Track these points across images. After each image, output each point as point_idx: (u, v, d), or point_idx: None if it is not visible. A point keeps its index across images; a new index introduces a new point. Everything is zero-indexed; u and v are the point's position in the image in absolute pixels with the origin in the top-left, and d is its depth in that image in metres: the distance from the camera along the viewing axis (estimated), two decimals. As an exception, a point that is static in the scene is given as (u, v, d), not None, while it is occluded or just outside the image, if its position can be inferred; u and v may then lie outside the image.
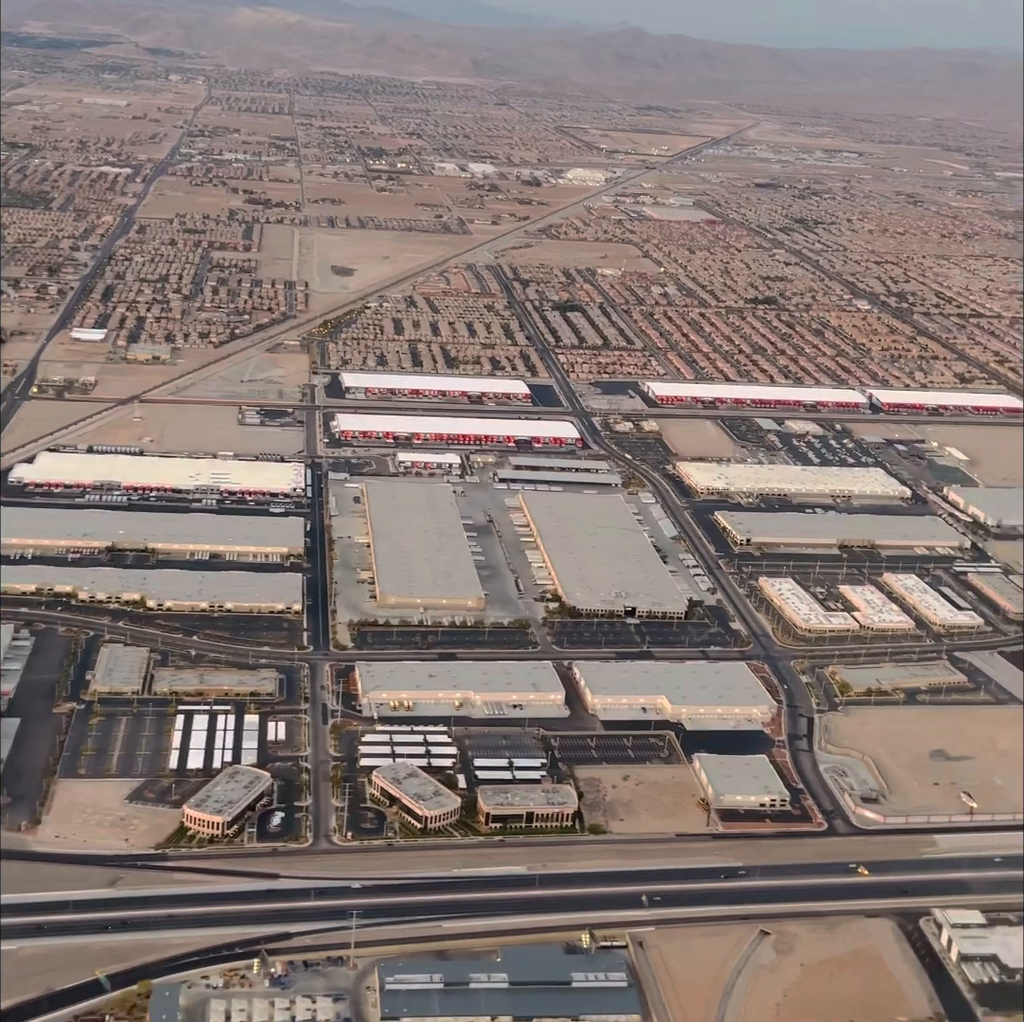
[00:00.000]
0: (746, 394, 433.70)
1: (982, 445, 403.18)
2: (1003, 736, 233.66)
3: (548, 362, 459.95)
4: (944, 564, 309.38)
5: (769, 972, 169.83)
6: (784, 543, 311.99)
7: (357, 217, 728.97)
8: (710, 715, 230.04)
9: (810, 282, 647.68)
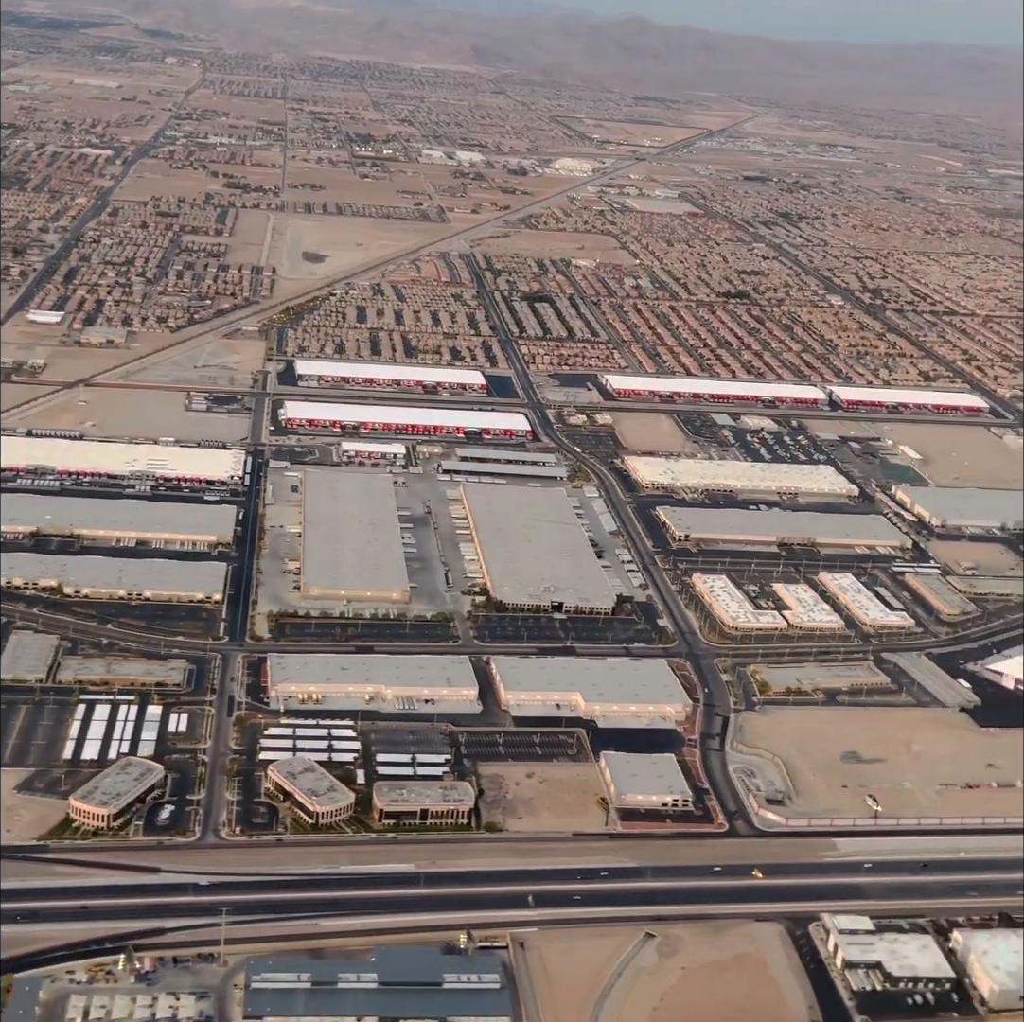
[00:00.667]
0: (704, 389, 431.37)
1: (938, 444, 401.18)
2: (919, 739, 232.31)
3: (509, 353, 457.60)
4: (883, 564, 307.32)
5: (649, 975, 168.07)
6: (723, 540, 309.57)
7: (335, 203, 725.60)
8: (624, 713, 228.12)
9: (786, 277, 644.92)
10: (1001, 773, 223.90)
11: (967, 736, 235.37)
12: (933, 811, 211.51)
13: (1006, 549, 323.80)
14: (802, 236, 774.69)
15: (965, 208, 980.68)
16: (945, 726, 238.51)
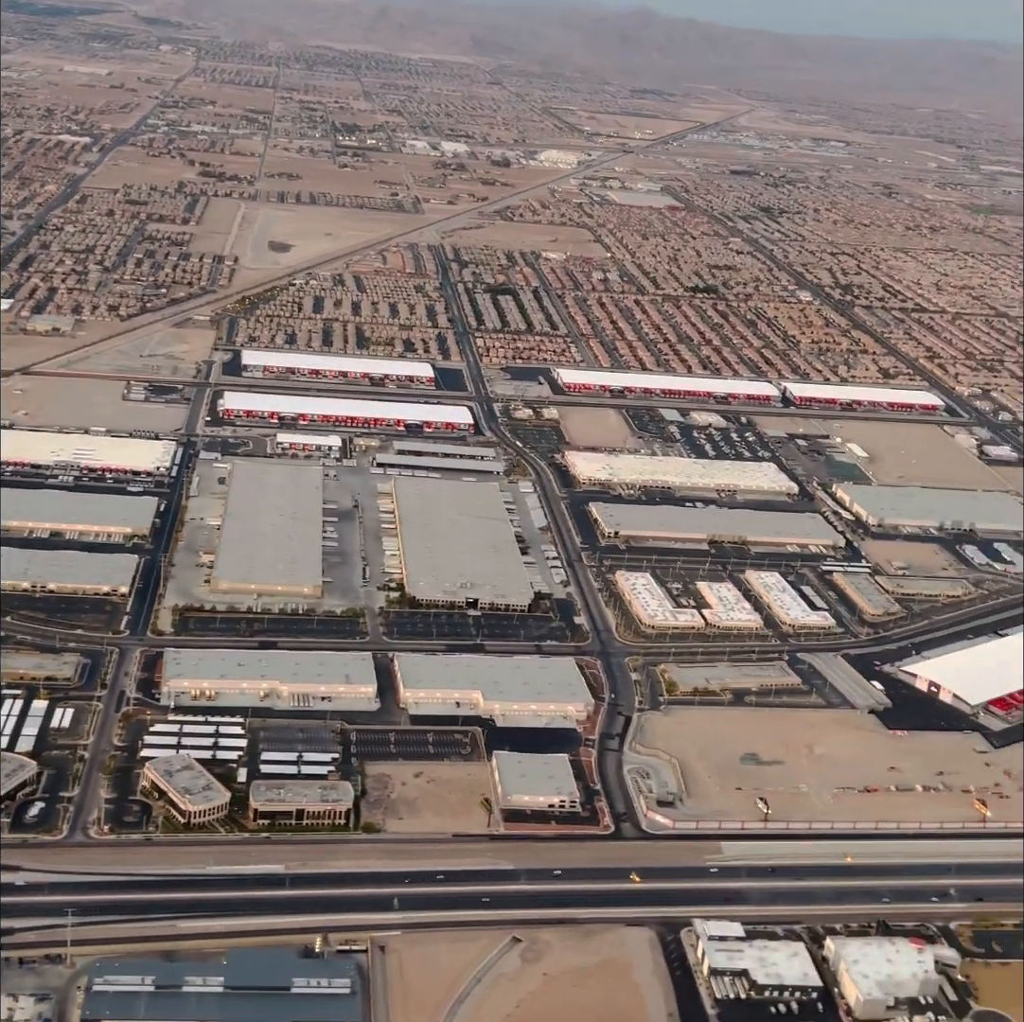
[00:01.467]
0: (656, 384, 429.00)
1: (888, 442, 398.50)
2: (823, 741, 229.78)
3: (464, 346, 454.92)
4: (813, 563, 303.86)
5: (509, 981, 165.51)
6: (653, 537, 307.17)
7: (310, 193, 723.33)
8: (523, 712, 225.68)
9: (757, 272, 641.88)
10: (902, 776, 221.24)
11: (873, 738, 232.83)
12: (826, 815, 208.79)
13: (941, 549, 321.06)
14: (780, 231, 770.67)
15: (951, 204, 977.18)
16: (852, 728, 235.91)
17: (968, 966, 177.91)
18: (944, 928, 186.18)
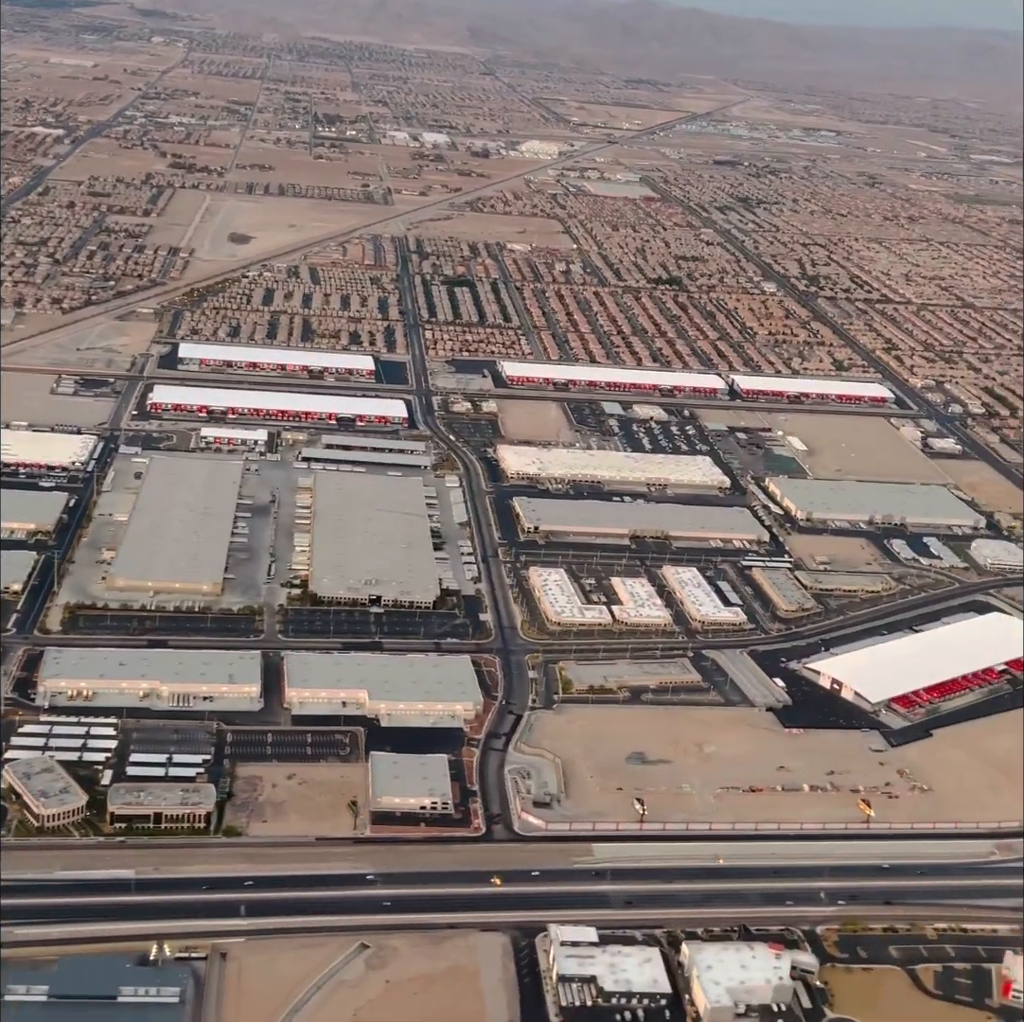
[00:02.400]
0: (601, 377, 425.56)
1: (830, 435, 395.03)
2: (715, 739, 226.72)
3: (412, 338, 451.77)
4: (734, 558, 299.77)
5: (350, 989, 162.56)
6: (574, 532, 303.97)
7: (279, 184, 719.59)
8: (410, 711, 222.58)
9: (724, 263, 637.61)
10: (791, 776, 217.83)
11: (767, 737, 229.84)
12: (706, 815, 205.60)
13: (869, 543, 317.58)
14: (755, 222, 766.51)
15: (934, 194, 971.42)
16: (747, 726, 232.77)
17: (828, 972, 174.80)
18: (810, 932, 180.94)
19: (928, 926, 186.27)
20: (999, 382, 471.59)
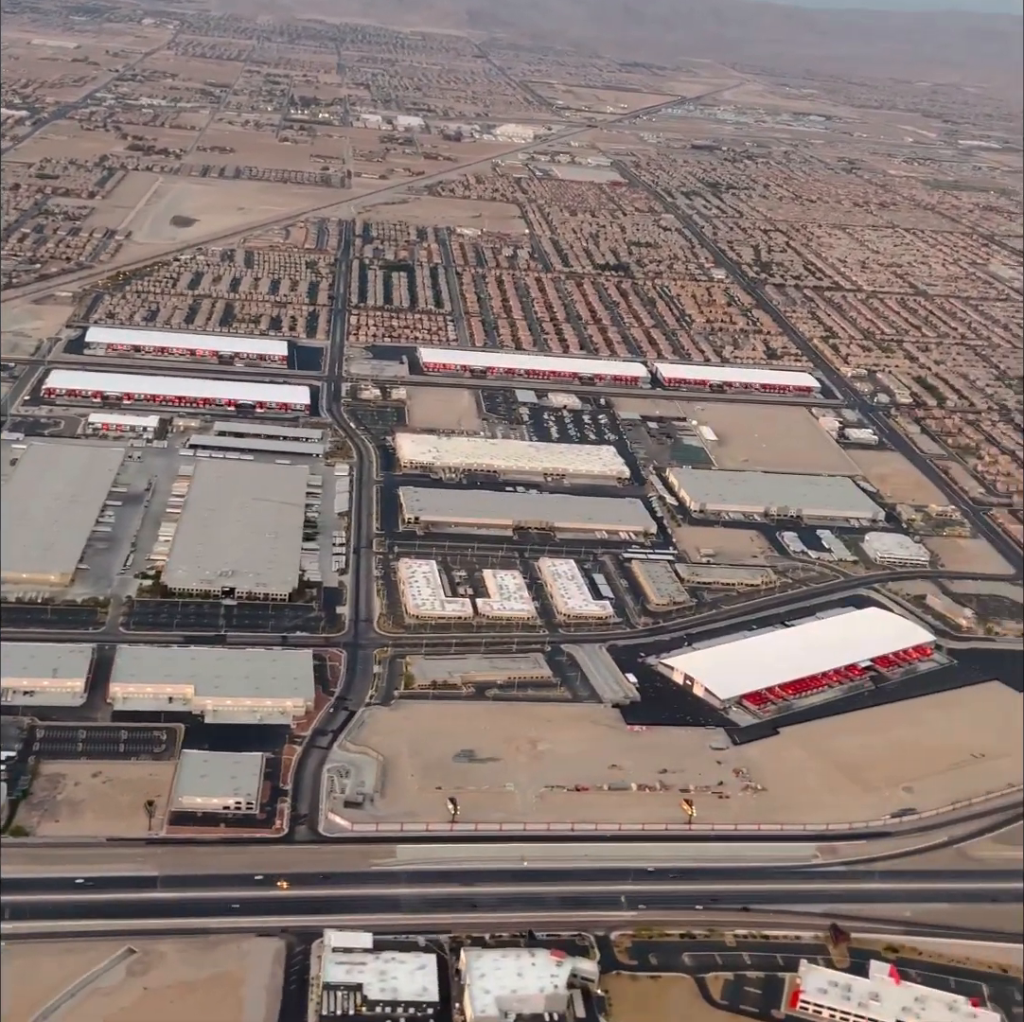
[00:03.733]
0: (520, 364, 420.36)
1: (746, 425, 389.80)
2: (551, 737, 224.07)
3: (336, 323, 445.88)
4: (616, 550, 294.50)
5: (104, 996, 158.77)
6: (456, 522, 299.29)
7: (236, 167, 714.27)
8: (238, 707, 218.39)
9: (678, 249, 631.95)
10: (621, 774, 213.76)
11: (607, 735, 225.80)
12: (523, 815, 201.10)
13: (759, 536, 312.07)
14: (720, 207, 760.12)
15: (912, 180, 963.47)
16: (589, 723, 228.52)
17: (613, 980, 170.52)
18: (603, 938, 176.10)
19: (728, 932, 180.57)
20: (934, 371, 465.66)
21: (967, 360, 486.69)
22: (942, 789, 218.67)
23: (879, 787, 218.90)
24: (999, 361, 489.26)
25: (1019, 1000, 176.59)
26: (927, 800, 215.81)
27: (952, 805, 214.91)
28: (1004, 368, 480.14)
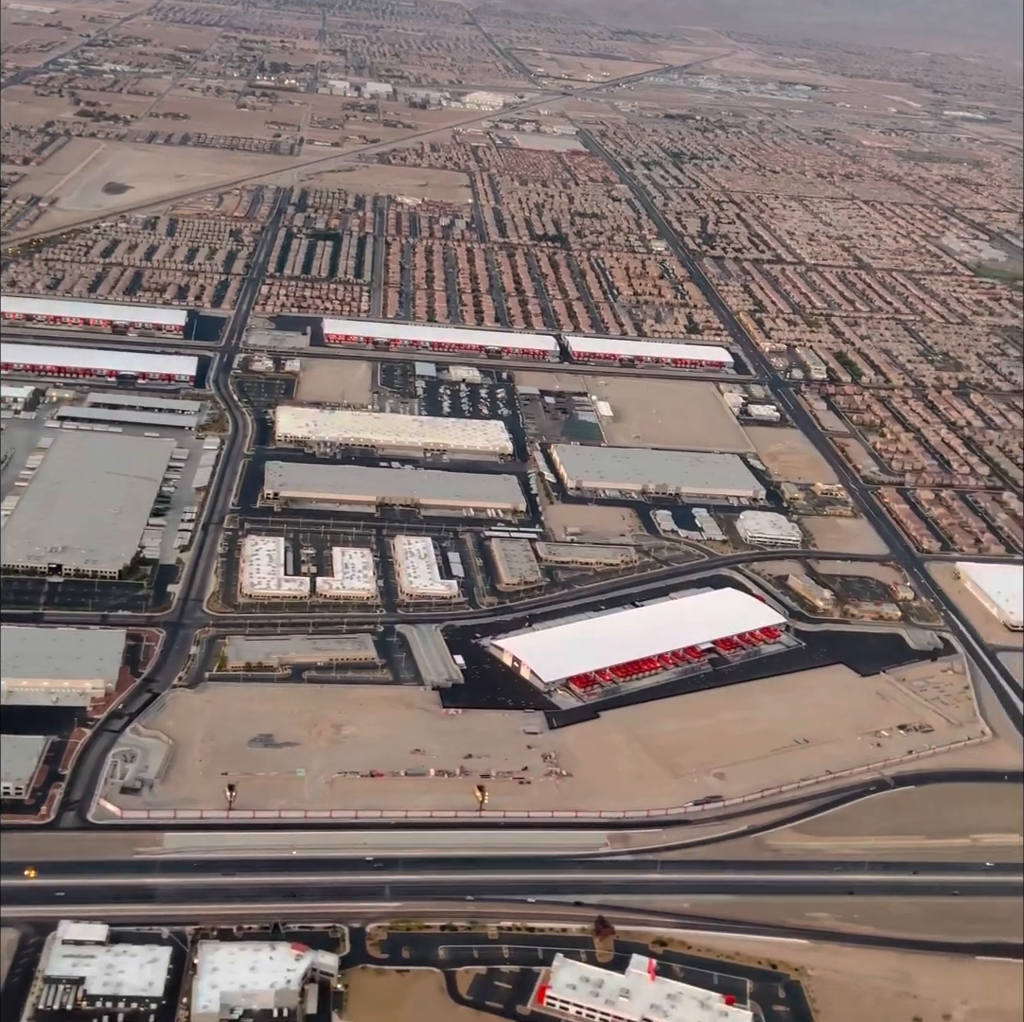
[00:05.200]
0: (426, 336, 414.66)
1: (647, 400, 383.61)
2: (359, 720, 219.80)
3: (246, 293, 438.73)
4: (478, 528, 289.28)
5: None
6: (318, 498, 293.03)
7: (185, 134, 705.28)
8: (34, 688, 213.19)
9: (623, 220, 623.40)
10: (422, 760, 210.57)
11: (419, 718, 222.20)
12: (310, 802, 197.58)
13: (633, 514, 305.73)
14: (678, 178, 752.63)
15: (884, 151, 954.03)
16: (403, 707, 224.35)
17: (358, 974, 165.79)
18: (359, 930, 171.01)
19: (492, 925, 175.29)
20: (857, 347, 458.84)
21: (894, 335, 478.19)
22: (755, 776, 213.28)
23: (689, 773, 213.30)
24: (927, 336, 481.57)
25: (782, 997, 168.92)
26: (736, 787, 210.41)
27: (761, 793, 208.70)
28: (931, 343, 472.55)
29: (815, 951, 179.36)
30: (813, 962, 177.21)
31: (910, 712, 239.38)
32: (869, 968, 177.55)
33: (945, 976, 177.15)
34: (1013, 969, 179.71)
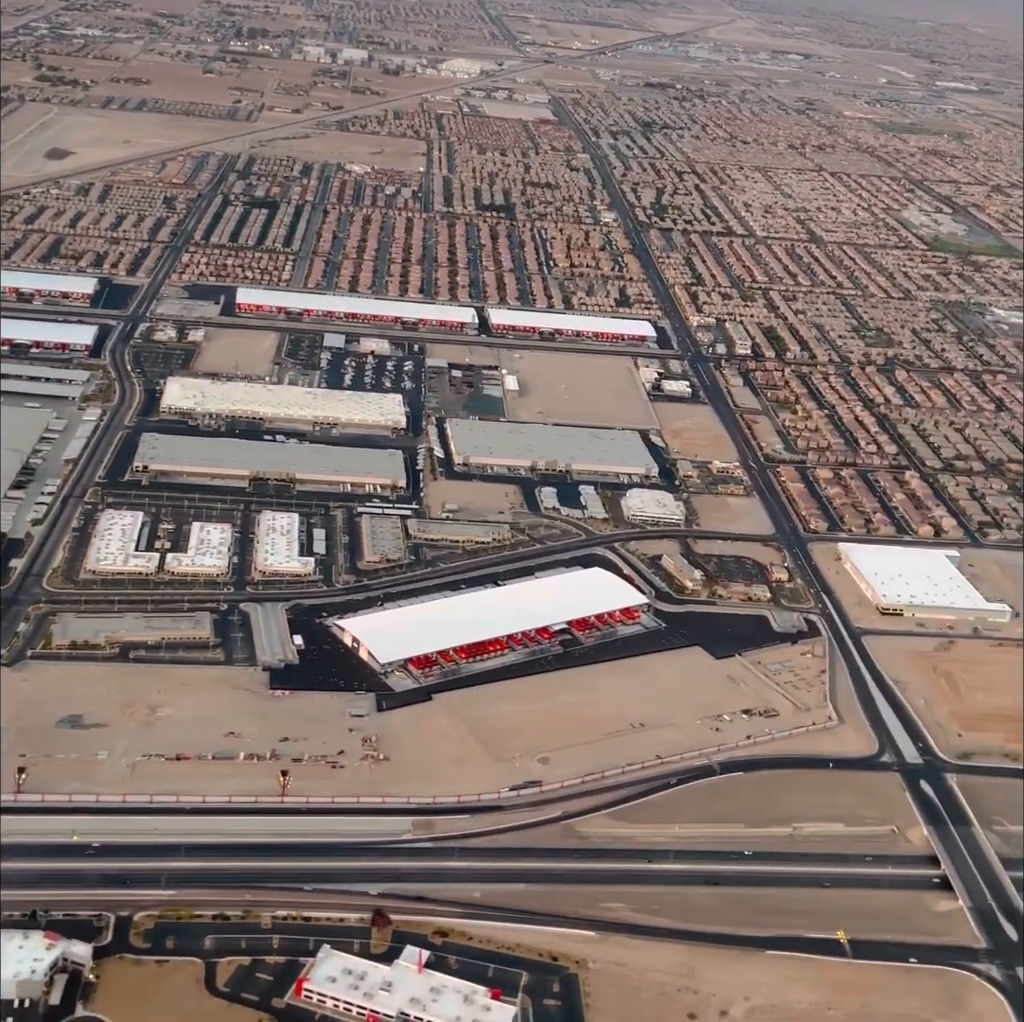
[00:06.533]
0: (341, 307, 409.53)
1: (558, 374, 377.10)
2: (177, 702, 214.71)
3: (165, 261, 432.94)
4: (352, 503, 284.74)
5: None
6: (189, 472, 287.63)
7: (143, 99, 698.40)
8: None
9: (575, 190, 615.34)
10: (234, 743, 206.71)
11: (241, 699, 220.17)
12: (103, 786, 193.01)
13: (517, 490, 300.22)
14: (643, 148, 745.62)
15: (864, 122, 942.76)
16: (228, 687, 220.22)
17: (114, 964, 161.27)
18: (126, 918, 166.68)
19: (267, 914, 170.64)
20: (789, 322, 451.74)
21: (831, 310, 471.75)
22: (581, 761, 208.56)
23: (513, 758, 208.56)
24: (865, 311, 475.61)
25: (556, 991, 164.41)
26: (559, 772, 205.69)
27: (582, 778, 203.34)
28: (867, 319, 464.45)
29: (601, 943, 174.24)
30: (596, 954, 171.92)
31: (759, 696, 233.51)
32: (654, 961, 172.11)
33: (731, 971, 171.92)
34: (802, 964, 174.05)
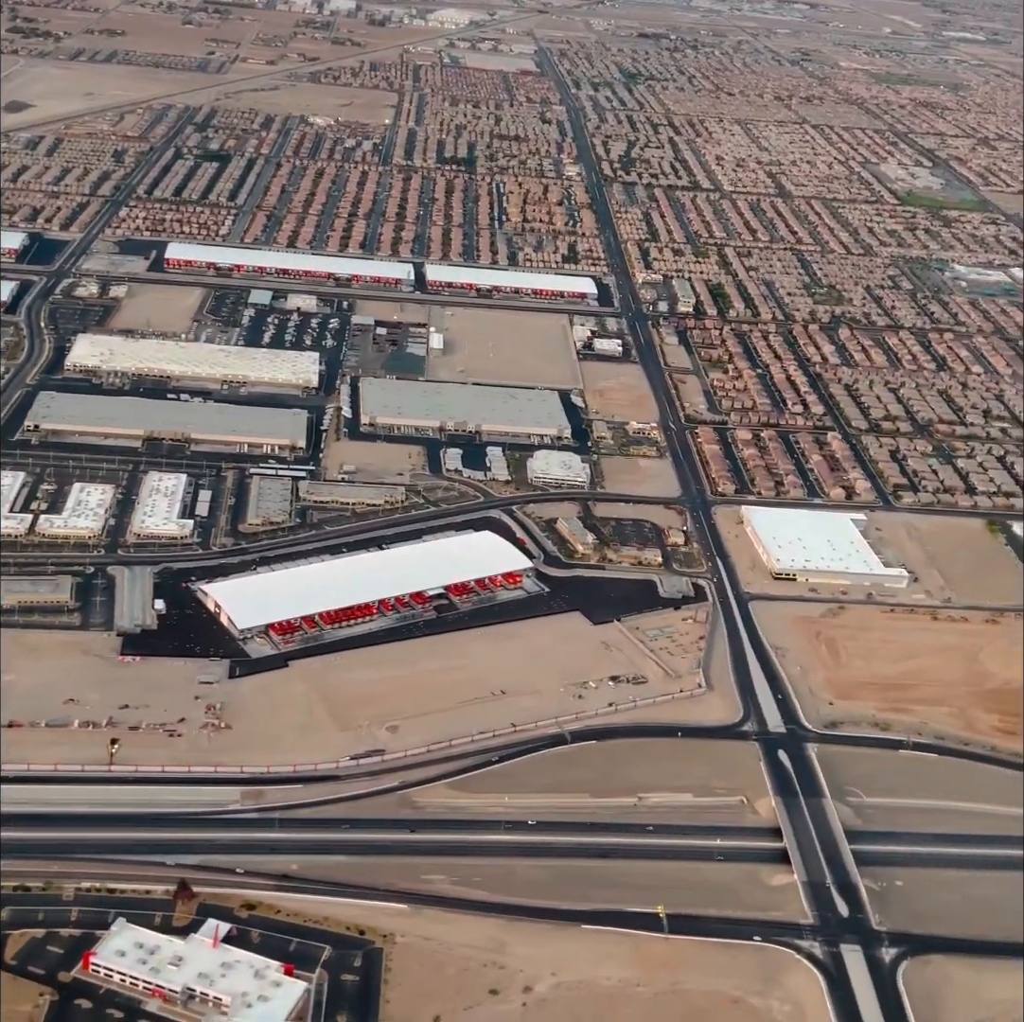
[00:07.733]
0: (273, 263, 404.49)
1: (487, 332, 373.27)
2: (20, 667, 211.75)
3: (103, 216, 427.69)
4: (250, 463, 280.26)
5: None
6: (81, 431, 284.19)
7: (113, 51, 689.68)
8: None
9: (544, 143, 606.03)
10: (73, 710, 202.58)
11: (89, 665, 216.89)
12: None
13: (421, 452, 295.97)
14: (623, 100, 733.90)
15: (859, 73, 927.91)
16: (78, 653, 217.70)
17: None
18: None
19: (71, 885, 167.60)
20: (739, 279, 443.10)
21: (784, 267, 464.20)
22: (431, 729, 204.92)
23: (360, 726, 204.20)
24: (820, 268, 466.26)
25: (357, 966, 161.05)
26: (406, 741, 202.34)
27: (428, 747, 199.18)
28: (821, 276, 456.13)
29: (413, 917, 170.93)
30: (405, 929, 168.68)
31: (630, 663, 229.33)
32: (464, 936, 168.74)
33: (542, 946, 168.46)
34: (619, 939, 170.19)
